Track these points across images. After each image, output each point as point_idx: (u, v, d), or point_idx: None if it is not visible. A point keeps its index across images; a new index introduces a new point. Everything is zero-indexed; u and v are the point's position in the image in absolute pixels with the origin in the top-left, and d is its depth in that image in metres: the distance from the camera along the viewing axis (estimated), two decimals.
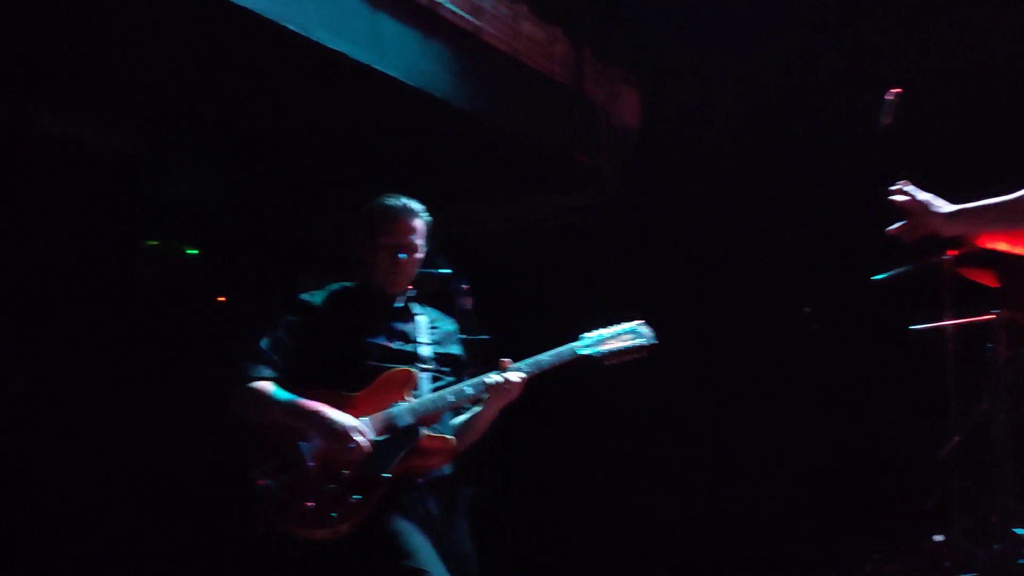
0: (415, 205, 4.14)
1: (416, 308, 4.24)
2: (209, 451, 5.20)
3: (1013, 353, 5.51)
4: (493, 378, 3.98)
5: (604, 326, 4.12)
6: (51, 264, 5.80)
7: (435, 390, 4.04)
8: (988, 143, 6.06)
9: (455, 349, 4.27)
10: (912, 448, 6.00)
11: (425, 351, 4.13)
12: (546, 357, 4.05)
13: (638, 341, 4.09)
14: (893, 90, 4.64)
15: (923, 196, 3.41)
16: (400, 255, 4.09)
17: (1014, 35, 6.00)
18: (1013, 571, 5.03)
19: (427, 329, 4.20)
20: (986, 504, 5.43)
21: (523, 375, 3.99)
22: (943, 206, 3.37)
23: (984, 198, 3.46)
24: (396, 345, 4.12)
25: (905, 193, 3.44)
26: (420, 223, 4.14)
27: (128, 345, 6.12)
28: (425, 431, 3.96)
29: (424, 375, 4.08)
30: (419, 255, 4.16)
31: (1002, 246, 5.64)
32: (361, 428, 3.88)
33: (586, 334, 4.11)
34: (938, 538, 5.47)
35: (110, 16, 4.36)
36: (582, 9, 6.22)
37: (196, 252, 6.61)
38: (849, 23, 6.16)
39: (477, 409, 4.09)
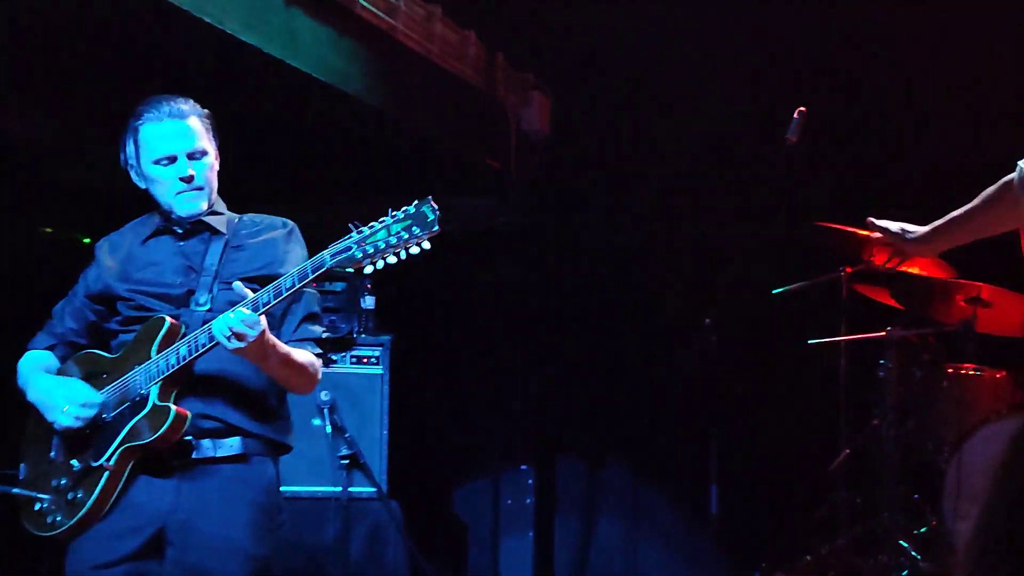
0: (182, 105, 3.36)
1: (222, 224, 3.42)
2: None
3: (903, 370, 5.66)
4: (219, 324, 3.05)
5: (386, 215, 3.09)
6: None
7: None
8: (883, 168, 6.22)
9: (266, 269, 3.33)
10: (802, 460, 6.12)
11: (202, 286, 3.31)
12: (288, 279, 3.11)
13: (412, 232, 3.08)
14: (800, 108, 4.73)
15: (895, 227, 3.46)
16: (179, 176, 3.32)
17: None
18: None
19: (223, 253, 3.36)
20: (871, 516, 5.57)
21: (252, 314, 3.03)
22: (917, 231, 3.42)
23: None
24: (158, 289, 3.34)
25: (877, 228, 3.48)
26: (195, 123, 3.37)
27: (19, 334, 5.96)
28: (156, 401, 3.15)
29: (195, 319, 3.25)
30: (208, 160, 3.39)
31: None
32: (78, 404, 3.21)
33: (352, 233, 3.07)
34: (824, 549, 5.60)
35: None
36: (496, 14, 6.24)
37: (90, 241, 6.46)
38: (760, 35, 6.25)
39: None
